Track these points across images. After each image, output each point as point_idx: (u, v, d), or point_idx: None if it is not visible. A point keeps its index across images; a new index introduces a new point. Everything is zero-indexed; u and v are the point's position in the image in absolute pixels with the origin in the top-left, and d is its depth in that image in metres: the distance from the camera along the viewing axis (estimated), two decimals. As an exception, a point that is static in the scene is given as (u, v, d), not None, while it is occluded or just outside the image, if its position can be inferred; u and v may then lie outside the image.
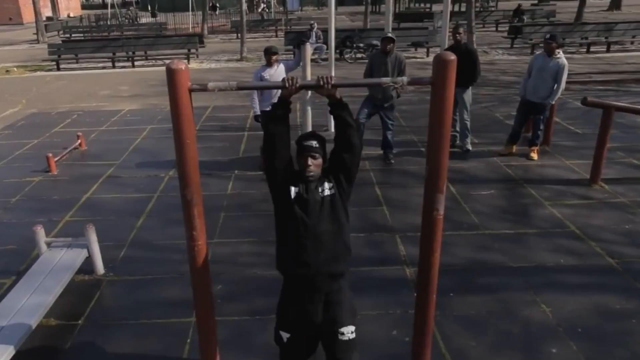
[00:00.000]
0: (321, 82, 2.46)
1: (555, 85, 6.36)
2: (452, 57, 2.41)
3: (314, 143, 2.56)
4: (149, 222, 5.47)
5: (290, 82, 2.47)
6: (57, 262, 4.11)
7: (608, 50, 16.75)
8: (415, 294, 3.04)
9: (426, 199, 2.69)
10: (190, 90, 2.45)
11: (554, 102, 6.57)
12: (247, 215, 5.51)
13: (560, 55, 6.33)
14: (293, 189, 2.55)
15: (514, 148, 7.05)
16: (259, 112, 6.50)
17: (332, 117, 2.61)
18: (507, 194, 5.90)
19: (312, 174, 2.55)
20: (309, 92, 6.25)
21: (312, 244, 2.50)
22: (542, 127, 6.78)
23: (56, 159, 7.12)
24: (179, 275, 4.36)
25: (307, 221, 2.50)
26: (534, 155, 6.85)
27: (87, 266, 4.39)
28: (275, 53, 6.38)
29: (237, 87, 2.50)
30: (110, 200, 6.03)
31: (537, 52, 7.00)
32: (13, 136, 8.82)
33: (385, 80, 2.61)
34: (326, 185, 2.57)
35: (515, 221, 5.21)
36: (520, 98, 6.80)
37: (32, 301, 3.58)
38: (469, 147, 7.22)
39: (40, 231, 4.32)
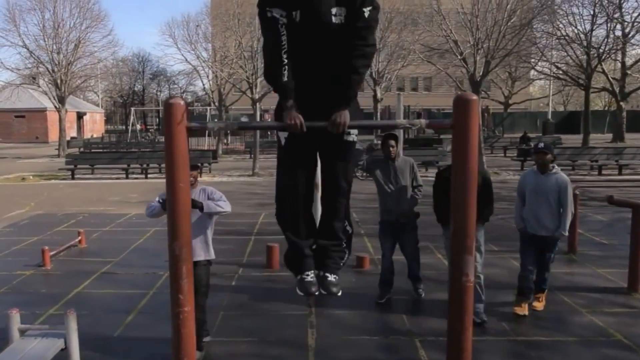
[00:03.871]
0: (334, 129, 2.22)
1: (562, 209, 4.76)
2: (474, 96, 2.17)
3: None
4: (139, 319, 4.94)
5: (294, 120, 2.22)
6: (27, 352, 3.56)
7: (620, 173, 16.75)
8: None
9: (453, 263, 2.27)
10: (188, 129, 2.19)
11: (566, 233, 4.98)
12: (247, 314, 4.96)
13: (557, 170, 4.82)
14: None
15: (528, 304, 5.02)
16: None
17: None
18: (536, 301, 5.33)
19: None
20: None
21: None
22: (549, 268, 5.07)
23: (51, 253, 6.74)
24: (165, 375, 3.76)
25: None
26: (539, 305, 5.03)
27: (62, 361, 3.82)
28: (195, 167, 4.47)
29: (238, 127, 2.25)
30: (102, 296, 5.54)
31: (526, 170, 5.43)
32: (13, 233, 8.54)
33: (401, 122, 2.35)
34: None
35: (551, 328, 4.61)
36: (520, 232, 5.07)
37: (-14, 395, 3.02)
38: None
39: (15, 316, 3.82)
